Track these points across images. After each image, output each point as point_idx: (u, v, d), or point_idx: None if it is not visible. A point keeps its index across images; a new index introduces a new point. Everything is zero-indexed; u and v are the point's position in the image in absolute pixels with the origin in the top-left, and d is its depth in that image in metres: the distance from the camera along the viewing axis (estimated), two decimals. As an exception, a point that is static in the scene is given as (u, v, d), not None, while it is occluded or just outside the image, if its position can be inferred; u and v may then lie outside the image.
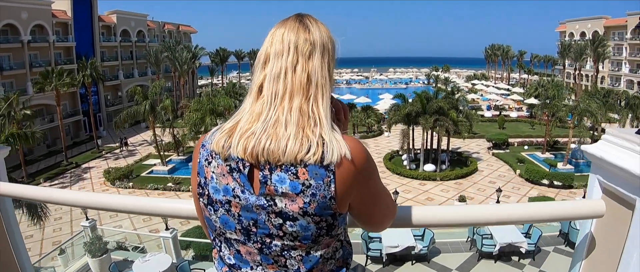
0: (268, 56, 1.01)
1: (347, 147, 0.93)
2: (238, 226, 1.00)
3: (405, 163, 29.68)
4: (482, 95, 60.83)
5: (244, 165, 0.95)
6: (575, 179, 25.15)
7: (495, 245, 12.31)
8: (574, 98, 41.99)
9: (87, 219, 12.30)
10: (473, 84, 70.38)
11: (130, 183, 27.22)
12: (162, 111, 31.24)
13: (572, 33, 67.09)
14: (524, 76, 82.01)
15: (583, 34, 63.94)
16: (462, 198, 21.51)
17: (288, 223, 0.95)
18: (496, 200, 19.75)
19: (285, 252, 0.99)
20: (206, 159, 1.01)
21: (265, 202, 0.94)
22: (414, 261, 12.68)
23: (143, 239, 14.92)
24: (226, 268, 1.10)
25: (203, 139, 1.05)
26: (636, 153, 1.26)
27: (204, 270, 10.58)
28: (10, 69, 35.40)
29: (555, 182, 25.24)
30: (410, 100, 28.86)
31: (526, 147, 34.45)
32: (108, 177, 27.90)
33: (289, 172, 0.92)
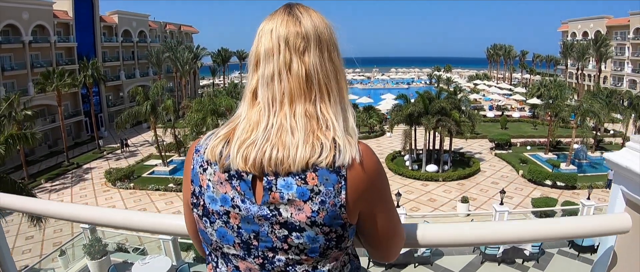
0: (258, 56, 0.90)
1: (359, 151, 0.85)
2: (237, 240, 0.89)
3: (407, 164, 29.58)
4: (484, 95, 60.67)
5: (247, 173, 0.85)
6: (578, 180, 25.01)
7: (498, 247, 12.16)
8: (577, 98, 41.78)
9: (87, 221, 12.22)
10: (475, 84, 70.14)
11: (131, 184, 27.19)
12: (164, 112, 31.30)
13: (575, 33, 66.89)
14: (526, 76, 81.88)
15: (585, 34, 63.74)
16: (465, 199, 21.40)
17: (294, 235, 0.84)
18: (500, 202, 19.62)
19: (289, 267, 0.89)
20: (201, 166, 0.91)
21: (268, 212, 0.84)
22: (417, 264, 12.54)
23: (143, 241, 14.89)
24: None
25: (196, 144, 0.94)
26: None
27: (204, 272, 10.49)
28: (11, 70, 35.40)
29: (558, 182, 25.12)
30: (412, 100, 28.74)
31: (529, 147, 34.28)
32: (109, 177, 27.88)
33: (297, 177, 0.82)
